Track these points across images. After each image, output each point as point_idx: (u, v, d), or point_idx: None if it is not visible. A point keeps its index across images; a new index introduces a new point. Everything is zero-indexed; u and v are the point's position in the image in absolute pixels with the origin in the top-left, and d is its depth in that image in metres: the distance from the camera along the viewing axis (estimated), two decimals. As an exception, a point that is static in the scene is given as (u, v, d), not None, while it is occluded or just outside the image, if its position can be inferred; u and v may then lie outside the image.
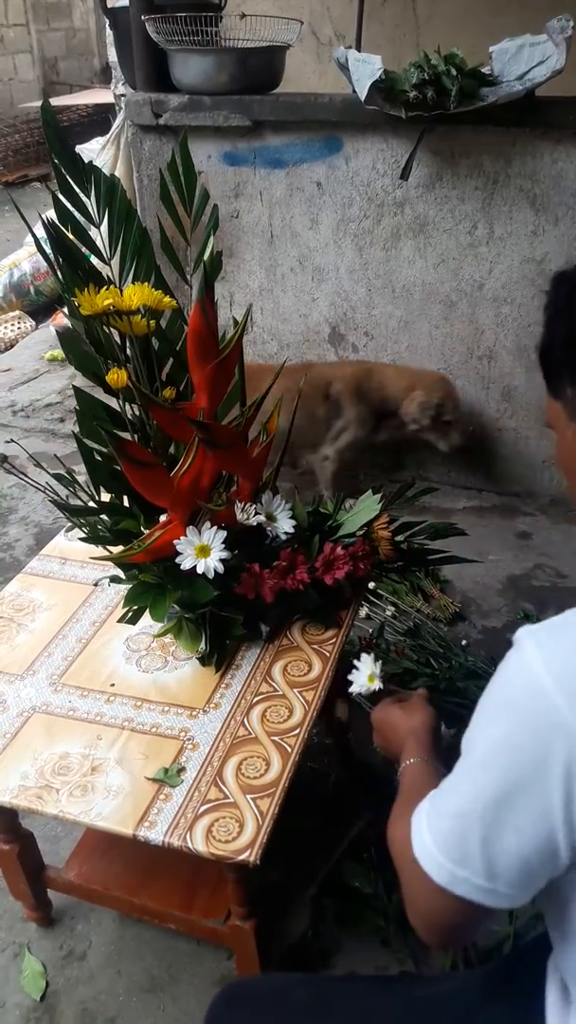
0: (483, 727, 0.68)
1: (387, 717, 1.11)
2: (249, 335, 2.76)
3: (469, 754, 0.69)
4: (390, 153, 2.36)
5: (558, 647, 0.64)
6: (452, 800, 0.70)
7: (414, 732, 1.04)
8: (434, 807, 0.73)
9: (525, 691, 0.63)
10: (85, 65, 9.92)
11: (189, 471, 1.10)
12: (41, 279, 4.44)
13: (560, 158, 2.25)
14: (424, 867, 0.70)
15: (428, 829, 0.71)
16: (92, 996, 1.40)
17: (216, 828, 1.01)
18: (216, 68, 2.33)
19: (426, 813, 0.73)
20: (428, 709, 1.10)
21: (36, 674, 1.26)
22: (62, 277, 1.15)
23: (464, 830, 0.67)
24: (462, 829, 0.67)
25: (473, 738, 0.69)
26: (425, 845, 0.71)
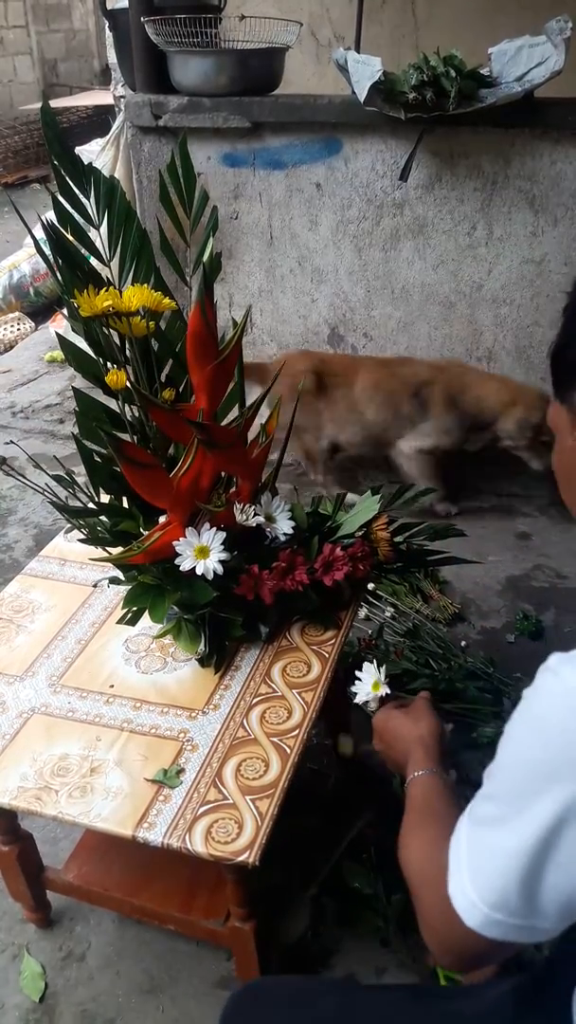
0: (521, 759, 0.65)
1: (391, 723, 1.09)
2: (248, 336, 2.77)
3: (507, 786, 0.66)
4: (389, 154, 2.37)
5: None
6: (495, 838, 0.66)
7: (422, 740, 1.02)
8: (473, 846, 0.69)
9: (568, 723, 0.60)
10: (85, 67, 9.92)
11: (188, 472, 1.10)
12: (40, 280, 4.44)
13: (559, 159, 2.26)
14: (457, 908, 0.67)
15: (468, 871, 0.67)
16: (91, 997, 1.40)
17: (215, 829, 1.01)
18: (215, 70, 2.33)
19: (466, 852, 0.69)
20: (433, 715, 1.08)
21: (35, 675, 1.26)
22: (61, 278, 1.15)
23: (505, 869, 0.64)
24: (504, 868, 0.64)
25: (508, 769, 0.67)
26: (463, 887, 0.67)
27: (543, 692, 0.64)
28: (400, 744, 1.06)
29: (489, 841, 0.66)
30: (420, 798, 0.93)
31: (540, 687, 0.64)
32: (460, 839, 0.71)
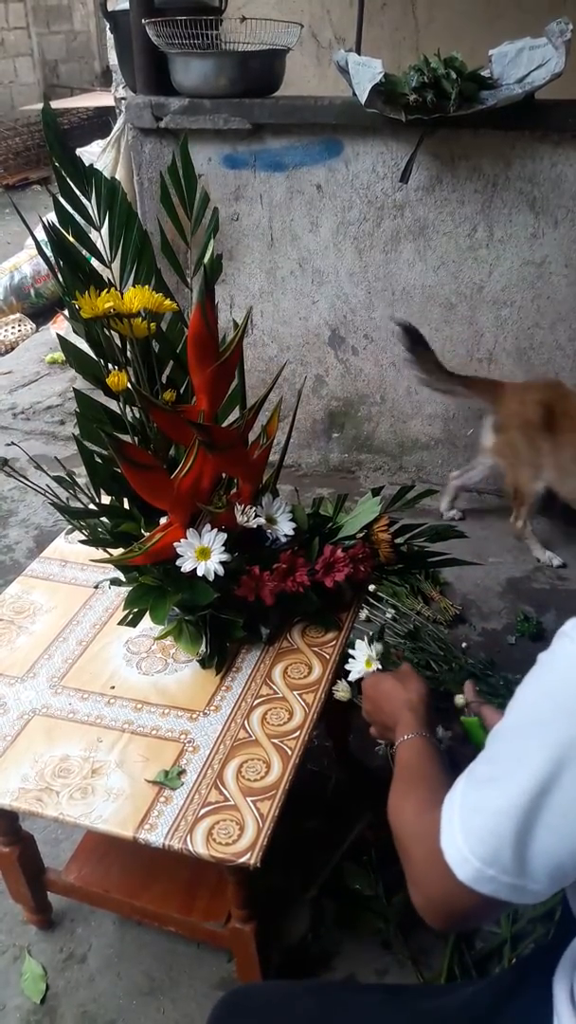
0: (529, 723, 0.65)
1: (380, 686, 1.09)
2: (249, 338, 2.77)
3: (507, 746, 0.67)
4: (390, 156, 2.37)
5: None
6: (488, 795, 0.66)
7: (410, 704, 1.02)
8: (467, 801, 0.69)
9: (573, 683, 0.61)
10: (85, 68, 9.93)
11: (189, 474, 1.10)
12: (42, 282, 4.44)
13: (560, 161, 2.26)
14: (449, 862, 0.67)
15: (460, 824, 0.68)
16: (92, 999, 1.40)
17: (216, 831, 1.01)
18: (216, 71, 2.33)
19: (459, 807, 0.69)
20: (421, 679, 1.08)
21: (36, 676, 1.27)
22: (63, 280, 1.15)
23: (498, 827, 0.64)
24: (496, 826, 0.64)
25: (514, 731, 0.67)
26: (454, 840, 0.68)
27: (557, 655, 0.64)
28: (388, 706, 1.05)
29: (483, 798, 0.67)
30: (409, 761, 0.93)
31: (556, 650, 0.65)
32: (455, 796, 0.71)
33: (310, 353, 2.77)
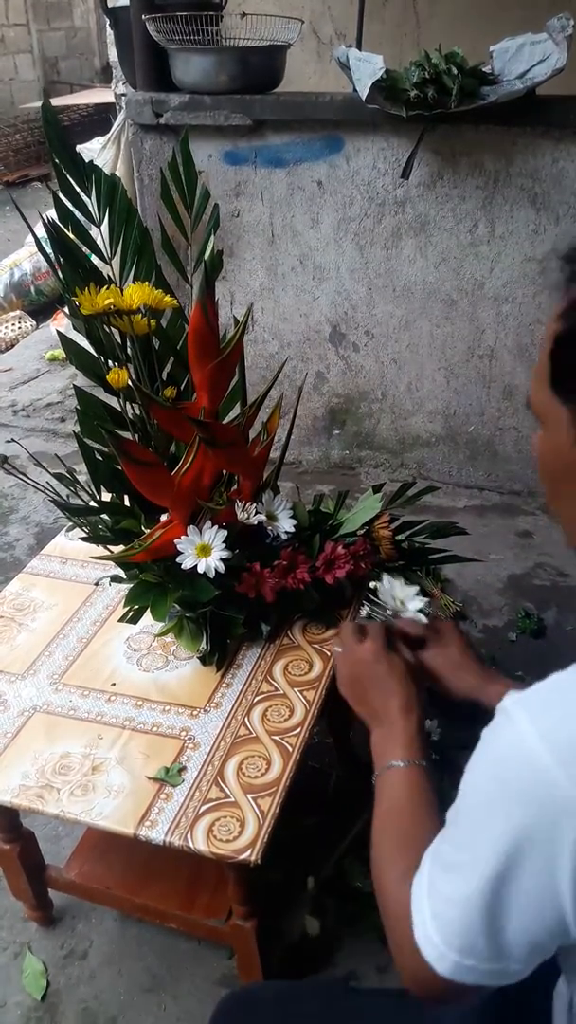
0: (478, 806, 0.62)
1: (370, 666, 0.98)
2: (250, 334, 2.77)
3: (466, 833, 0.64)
4: (391, 152, 2.36)
5: (553, 719, 0.58)
6: (453, 884, 0.63)
7: (407, 704, 0.94)
8: (435, 890, 0.65)
9: (525, 770, 0.57)
10: (86, 65, 9.92)
11: (190, 470, 1.10)
12: (42, 279, 4.44)
13: (561, 157, 2.25)
14: (427, 958, 0.64)
15: (432, 917, 0.64)
16: (93, 995, 1.40)
17: (217, 827, 1.01)
18: (217, 67, 2.33)
19: (428, 895, 0.66)
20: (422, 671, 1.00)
21: (37, 673, 1.27)
22: (63, 277, 1.15)
23: (468, 917, 0.61)
24: (465, 916, 0.61)
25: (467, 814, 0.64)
26: (428, 934, 0.65)
27: (499, 736, 0.61)
28: (377, 697, 0.96)
29: (448, 887, 0.64)
30: (401, 804, 0.86)
31: (497, 730, 0.61)
32: (423, 880, 0.68)
33: (311, 350, 2.77)
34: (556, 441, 0.67)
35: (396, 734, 0.92)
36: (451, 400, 2.69)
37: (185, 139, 1.24)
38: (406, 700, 0.95)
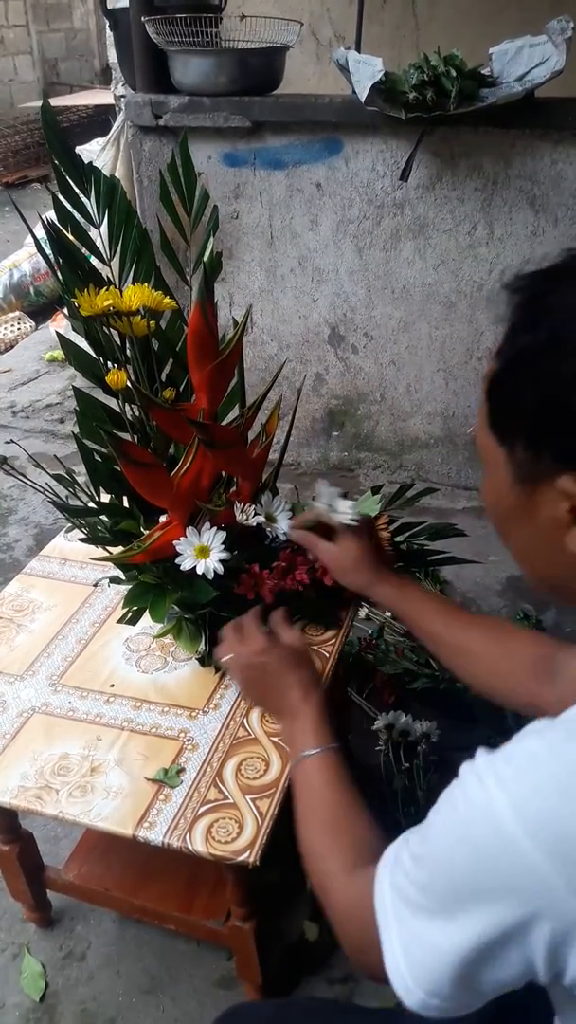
0: (446, 861, 0.59)
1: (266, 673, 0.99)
2: (249, 336, 2.77)
3: (434, 883, 0.60)
4: (390, 154, 2.37)
5: (524, 789, 0.55)
6: (427, 928, 0.61)
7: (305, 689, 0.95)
8: (403, 923, 0.63)
9: (495, 843, 0.55)
10: (85, 66, 9.93)
11: (189, 472, 1.10)
12: (41, 280, 4.44)
13: (560, 159, 2.25)
14: (395, 987, 0.63)
15: (402, 952, 0.62)
16: (92, 996, 1.40)
17: (216, 829, 1.01)
18: (216, 69, 2.33)
19: (395, 924, 0.63)
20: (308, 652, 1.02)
21: (36, 675, 1.27)
22: (62, 278, 1.15)
23: (439, 965, 0.59)
24: (437, 963, 0.59)
25: (434, 864, 0.61)
26: (398, 967, 0.62)
27: (469, 799, 0.58)
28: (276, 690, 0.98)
29: (421, 931, 0.61)
30: (321, 792, 0.87)
31: (466, 790, 0.58)
32: (386, 906, 0.64)
33: (310, 351, 2.77)
34: (496, 482, 0.66)
35: (302, 723, 0.95)
36: (450, 402, 2.70)
37: (184, 141, 1.24)
38: (303, 687, 0.98)
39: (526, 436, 0.61)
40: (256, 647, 1.02)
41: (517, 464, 0.63)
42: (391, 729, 1.69)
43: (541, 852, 0.52)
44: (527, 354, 0.61)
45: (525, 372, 0.60)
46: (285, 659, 1.00)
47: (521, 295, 0.62)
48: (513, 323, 0.63)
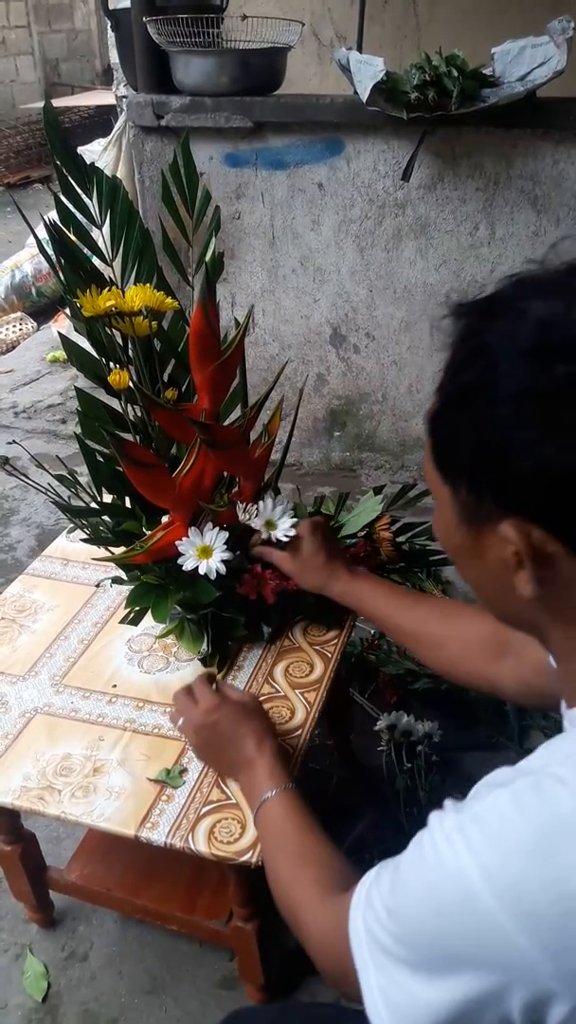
0: (419, 917, 0.58)
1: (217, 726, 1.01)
2: (251, 336, 2.77)
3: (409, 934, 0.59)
4: (391, 154, 2.37)
5: (495, 856, 0.53)
6: (404, 978, 0.59)
7: (258, 738, 0.98)
8: (380, 965, 0.61)
9: (469, 913, 0.53)
10: (87, 67, 9.93)
11: (191, 472, 1.10)
12: (43, 280, 4.44)
13: (561, 159, 2.25)
14: None
15: (379, 992, 0.61)
16: (94, 997, 1.40)
17: (218, 829, 1.01)
18: (217, 69, 2.33)
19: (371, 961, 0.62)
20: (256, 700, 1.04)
21: (38, 675, 1.27)
22: (64, 278, 1.15)
23: (418, 1018, 0.58)
24: (416, 1016, 0.58)
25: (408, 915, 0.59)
26: (376, 1005, 0.61)
27: (440, 859, 0.56)
28: (232, 745, 1.00)
29: (400, 980, 0.60)
30: (284, 830, 0.89)
31: (436, 848, 0.56)
32: (363, 951, 0.63)
33: (312, 351, 2.77)
34: (445, 519, 0.65)
35: (258, 771, 0.96)
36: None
37: (186, 141, 1.24)
38: (256, 737, 1.00)
39: (467, 479, 0.59)
40: (206, 706, 1.03)
41: (461, 505, 0.61)
42: (393, 729, 1.69)
43: (516, 923, 0.51)
44: (461, 395, 0.58)
45: (461, 414, 0.58)
46: (235, 713, 1.01)
47: (460, 327, 0.59)
48: (449, 359, 0.60)
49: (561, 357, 0.52)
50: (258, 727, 1.01)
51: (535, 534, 0.56)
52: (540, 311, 0.54)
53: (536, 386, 0.52)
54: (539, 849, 0.52)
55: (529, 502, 0.56)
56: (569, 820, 0.51)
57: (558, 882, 0.50)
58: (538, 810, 0.53)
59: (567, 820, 0.51)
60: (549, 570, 0.58)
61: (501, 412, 0.54)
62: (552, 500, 0.54)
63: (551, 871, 0.51)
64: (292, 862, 0.86)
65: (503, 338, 0.55)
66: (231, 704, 1.03)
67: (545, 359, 0.52)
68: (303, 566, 1.18)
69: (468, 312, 0.59)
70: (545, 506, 0.55)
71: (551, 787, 0.53)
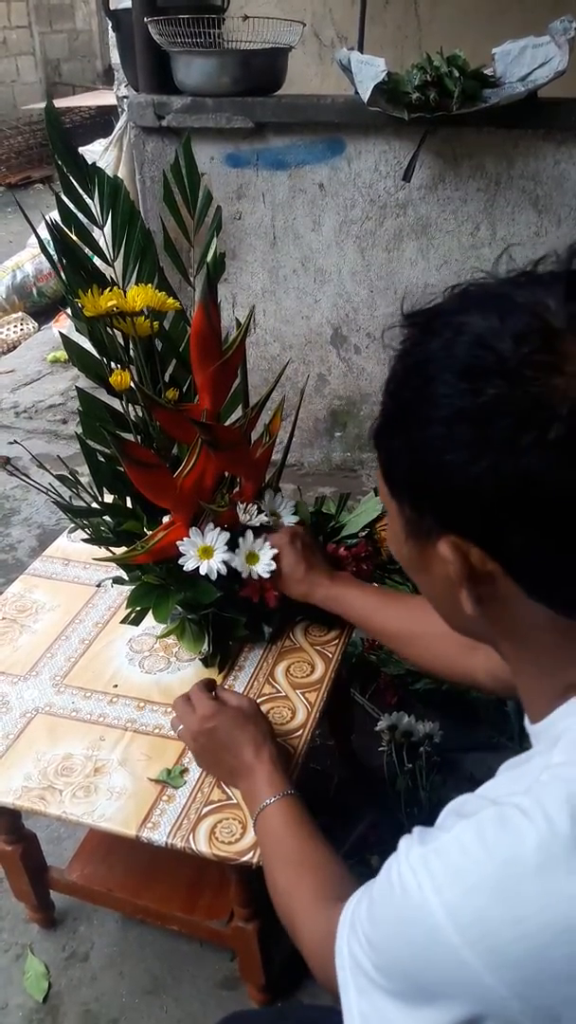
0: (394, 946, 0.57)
1: (215, 732, 1.00)
2: (252, 336, 2.77)
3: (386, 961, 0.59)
4: (392, 155, 2.37)
5: (457, 893, 0.52)
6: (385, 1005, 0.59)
7: (260, 753, 0.98)
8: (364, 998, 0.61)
9: (435, 948, 0.53)
10: (88, 67, 9.94)
11: (192, 472, 1.10)
12: (44, 280, 4.44)
13: (563, 159, 2.25)
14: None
15: (359, 1016, 0.61)
16: (94, 997, 1.40)
17: (219, 829, 1.01)
18: (218, 70, 2.33)
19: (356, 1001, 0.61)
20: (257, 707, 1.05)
21: (39, 675, 1.27)
22: (65, 278, 1.15)
23: None
24: None
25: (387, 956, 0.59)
26: None
27: (406, 893, 0.55)
28: (231, 752, 1.00)
29: (378, 1005, 0.60)
30: (284, 836, 0.90)
31: (403, 880, 0.56)
32: (346, 972, 0.63)
33: (312, 352, 2.77)
34: (395, 531, 0.65)
35: (257, 778, 0.97)
36: (452, 402, 2.69)
37: (187, 141, 1.24)
38: (254, 744, 1.00)
39: (408, 496, 0.60)
40: (202, 713, 1.03)
41: (406, 520, 0.61)
42: (394, 730, 1.69)
43: (480, 960, 0.50)
44: (399, 412, 0.58)
45: (398, 432, 0.58)
46: (233, 719, 1.01)
47: (403, 339, 0.59)
48: (390, 373, 0.59)
49: (491, 377, 0.51)
50: (256, 733, 1.01)
51: (473, 553, 0.56)
52: (477, 327, 0.53)
53: (467, 407, 0.52)
54: (501, 886, 0.51)
55: (465, 522, 0.56)
56: (532, 856, 0.50)
57: (520, 921, 0.50)
58: (501, 845, 0.52)
59: (530, 856, 0.50)
60: (488, 587, 0.58)
61: (435, 433, 0.54)
62: (487, 521, 0.54)
63: (512, 909, 0.50)
64: (289, 870, 0.87)
65: (439, 355, 0.54)
66: (228, 710, 1.03)
67: (476, 379, 0.52)
68: (285, 579, 1.20)
69: (412, 324, 0.59)
70: (481, 526, 0.55)
71: (515, 820, 0.52)
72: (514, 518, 0.52)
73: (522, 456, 0.50)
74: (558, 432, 0.49)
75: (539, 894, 0.50)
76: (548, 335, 0.51)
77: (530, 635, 0.61)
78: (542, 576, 0.56)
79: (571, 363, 0.50)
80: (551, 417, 0.49)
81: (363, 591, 1.18)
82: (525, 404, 0.50)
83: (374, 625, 1.16)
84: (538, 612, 0.58)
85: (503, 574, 0.56)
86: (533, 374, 0.50)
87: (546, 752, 0.58)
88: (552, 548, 0.53)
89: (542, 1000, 0.50)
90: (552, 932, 0.49)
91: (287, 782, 0.96)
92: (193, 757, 1.08)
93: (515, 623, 0.61)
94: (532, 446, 0.49)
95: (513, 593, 0.57)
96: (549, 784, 0.53)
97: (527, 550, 0.54)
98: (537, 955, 0.49)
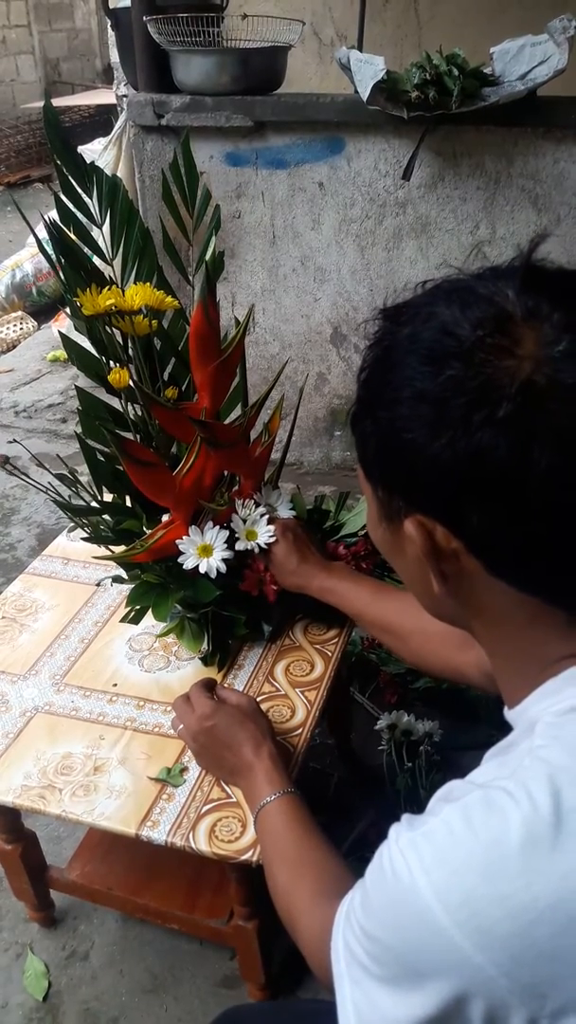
0: (384, 931, 0.58)
1: (214, 730, 1.01)
2: (251, 335, 2.77)
3: (379, 949, 0.59)
4: (392, 153, 2.36)
5: (445, 874, 0.53)
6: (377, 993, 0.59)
7: (260, 750, 0.98)
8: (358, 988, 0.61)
9: (424, 930, 0.53)
10: (87, 66, 9.93)
11: (191, 471, 1.10)
12: (43, 280, 4.44)
13: (562, 158, 2.25)
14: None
15: (355, 1014, 0.61)
16: (94, 996, 1.40)
17: (219, 828, 1.01)
18: (218, 69, 2.33)
19: (350, 992, 0.61)
20: (256, 705, 1.05)
21: (39, 674, 1.27)
22: (64, 277, 1.15)
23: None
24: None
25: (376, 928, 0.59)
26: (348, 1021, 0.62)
27: (397, 876, 0.56)
28: (232, 751, 1.00)
29: (373, 995, 0.60)
30: (284, 834, 0.90)
31: (393, 865, 0.56)
32: (340, 964, 0.63)
33: (312, 351, 2.77)
34: (371, 513, 0.67)
35: (256, 776, 0.97)
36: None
37: (186, 140, 1.24)
38: (253, 742, 1.00)
39: (379, 477, 0.62)
40: (201, 712, 1.03)
41: (379, 502, 0.63)
42: (394, 729, 1.69)
43: (469, 940, 0.51)
44: (368, 397, 0.61)
45: (367, 415, 0.61)
46: (232, 718, 1.01)
47: (375, 331, 0.62)
48: (361, 363, 0.63)
49: (450, 360, 0.54)
50: (255, 731, 1.01)
51: (438, 531, 0.58)
52: (442, 316, 0.56)
53: (427, 388, 0.54)
54: (487, 866, 0.51)
55: (428, 500, 0.58)
56: (516, 835, 0.51)
57: (507, 899, 0.50)
58: (487, 826, 0.53)
59: (514, 836, 0.51)
60: (454, 565, 0.60)
61: (399, 413, 0.56)
62: (447, 498, 0.56)
63: (499, 888, 0.51)
64: (289, 868, 0.87)
65: (405, 342, 0.58)
66: (227, 709, 1.03)
67: (436, 362, 0.54)
68: (278, 569, 1.20)
69: (384, 316, 0.62)
70: (442, 504, 0.57)
71: (500, 801, 0.53)
72: (470, 494, 0.54)
73: (475, 433, 0.52)
74: (507, 410, 0.51)
75: (523, 871, 0.51)
76: (503, 321, 0.54)
77: (500, 616, 0.62)
78: (501, 553, 0.57)
79: (522, 346, 0.52)
80: (501, 397, 0.51)
81: (358, 583, 1.19)
82: (478, 384, 0.52)
83: (369, 618, 1.16)
84: (506, 592, 0.59)
85: (466, 552, 0.58)
86: (487, 356, 0.53)
87: (526, 737, 0.59)
88: (505, 523, 0.54)
89: (529, 978, 0.51)
90: (537, 909, 0.50)
91: (287, 780, 0.97)
92: (193, 756, 1.08)
93: (484, 603, 0.62)
94: (483, 423, 0.52)
95: (478, 571, 0.59)
96: (531, 767, 0.54)
97: (484, 527, 0.55)
98: (523, 932, 0.50)
